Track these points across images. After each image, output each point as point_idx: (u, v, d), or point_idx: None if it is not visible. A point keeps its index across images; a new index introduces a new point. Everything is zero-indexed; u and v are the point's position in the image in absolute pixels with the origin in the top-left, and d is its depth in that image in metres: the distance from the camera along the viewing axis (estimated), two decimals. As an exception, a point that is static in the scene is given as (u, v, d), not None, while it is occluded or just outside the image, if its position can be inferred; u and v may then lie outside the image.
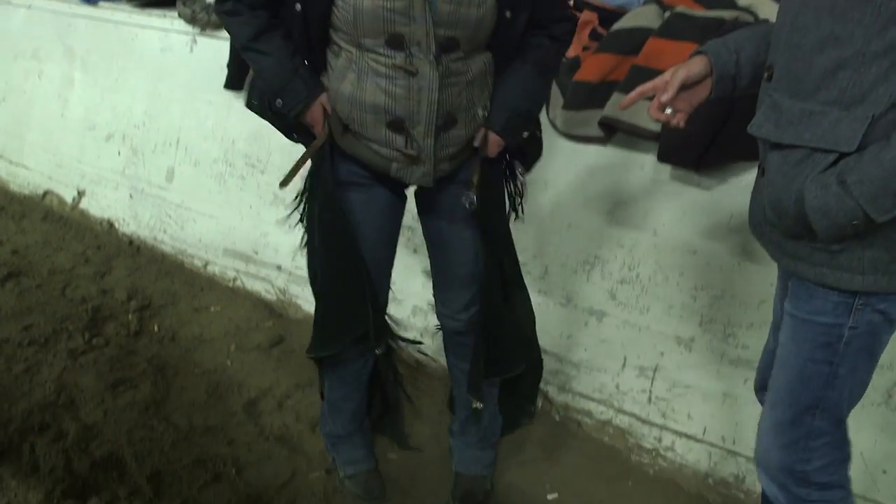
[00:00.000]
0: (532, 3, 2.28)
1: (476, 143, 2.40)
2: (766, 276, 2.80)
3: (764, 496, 2.17)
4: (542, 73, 2.44)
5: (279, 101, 2.32)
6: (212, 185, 4.44)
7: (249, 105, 2.52)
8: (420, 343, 3.02)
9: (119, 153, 4.91)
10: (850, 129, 1.68)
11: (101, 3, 4.98)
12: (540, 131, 2.62)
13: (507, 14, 2.24)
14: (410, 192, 2.60)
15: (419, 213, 2.63)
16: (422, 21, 2.14)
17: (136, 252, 4.80)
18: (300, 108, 2.33)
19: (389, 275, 2.67)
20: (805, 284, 1.86)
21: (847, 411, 1.94)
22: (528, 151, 2.61)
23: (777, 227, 1.88)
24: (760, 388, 2.34)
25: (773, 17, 2.98)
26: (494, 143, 2.40)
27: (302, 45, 2.29)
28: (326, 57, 2.32)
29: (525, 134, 2.46)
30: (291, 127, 2.46)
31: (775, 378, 1.99)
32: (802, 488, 1.97)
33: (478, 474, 2.97)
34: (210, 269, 4.49)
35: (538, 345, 2.86)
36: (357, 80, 2.24)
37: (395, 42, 2.17)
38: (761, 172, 1.93)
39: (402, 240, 2.72)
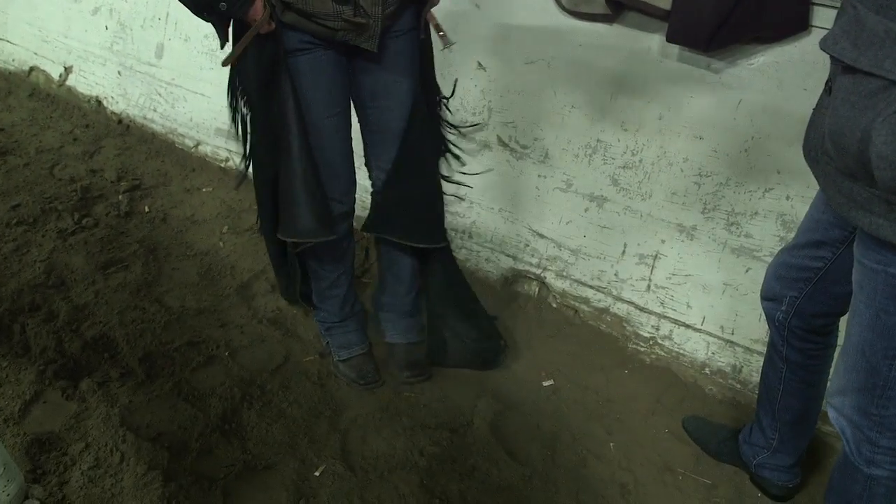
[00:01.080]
0: None
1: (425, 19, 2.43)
2: (772, 164, 2.72)
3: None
4: None
5: (222, 3, 2.23)
6: (203, 61, 4.30)
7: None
8: None
9: (106, 28, 4.74)
10: None
11: None
12: None
13: None
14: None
15: (355, 72, 2.57)
16: None
17: (126, 131, 4.68)
18: (245, 8, 2.26)
19: (349, 138, 2.64)
20: None
21: None
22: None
23: (833, 161, 1.68)
24: (768, 298, 2.27)
25: None
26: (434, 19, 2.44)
27: None
28: None
29: None
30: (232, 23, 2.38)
31: (850, 322, 1.86)
32: (874, 431, 1.87)
33: (413, 340, 3.01)
34: (202, 149, 4.39)
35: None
36: None
37: None
38: (827, 91, 1.71)
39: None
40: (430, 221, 2.79)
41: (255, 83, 2.42)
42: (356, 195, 2.73)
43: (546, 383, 3.00)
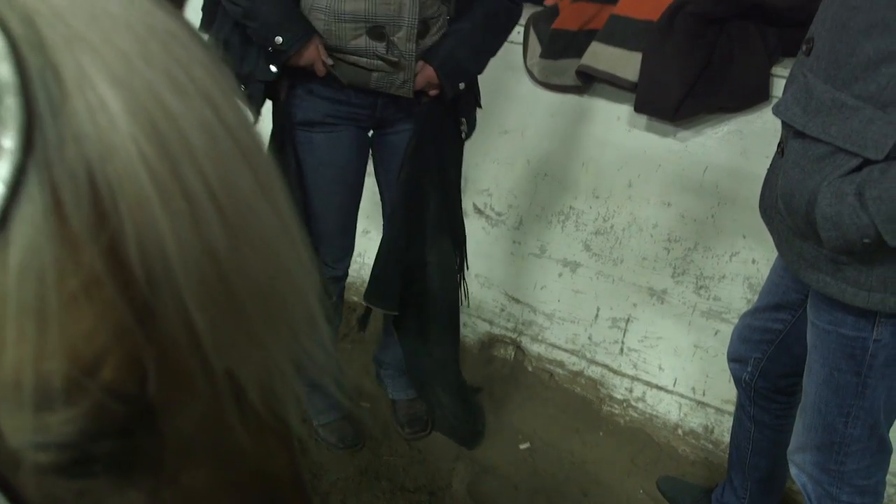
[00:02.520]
0: None
1: (417, 79, 2.39)
2: (737, 229, 2.82)
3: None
4: (488, 32, 2.46)
5: (279, 38, 2.24)
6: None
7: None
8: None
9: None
10: (881, 133, 1.53)
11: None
12: (479, 102, 2.66)
13: None
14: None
15: (376, 163, 2.65)
16: None
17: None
18: (299, 46, 2.26)
19: (354, 214, 2.67)
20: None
21: (886, 418, 1.84)
22: (469, 117, 2.64)
23: (785, 220, 1.76)
24: (734, 360, 2.34)
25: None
26: (427, 75, 2.38)
27: None
28: None
29: (461, 85, 2.45)
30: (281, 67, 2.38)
31: (806, 380, 1.91)
32: (835, 487, 1.91)
33: (413, 396, 3.07)
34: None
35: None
36: None
37: None
38: (780, 153, 1.79)
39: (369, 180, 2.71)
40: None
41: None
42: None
43: (523, 446, 3.04)
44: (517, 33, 3.16)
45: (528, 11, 3.20)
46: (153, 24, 0.55)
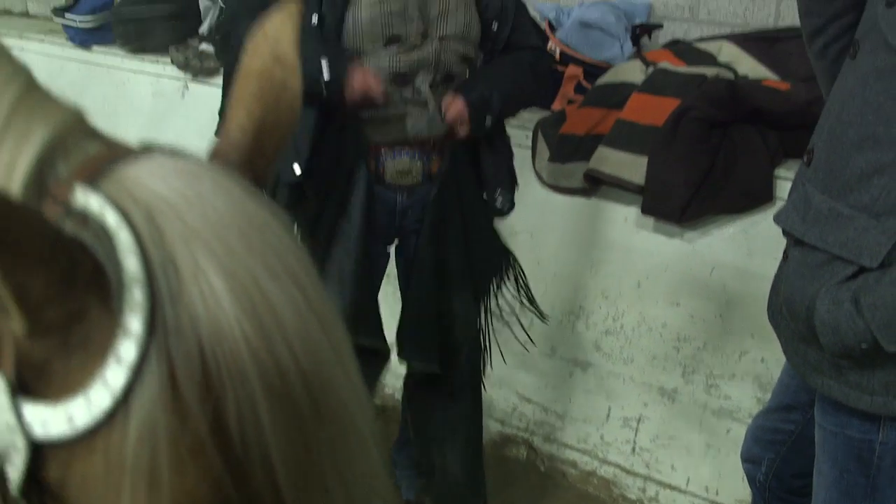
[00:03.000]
0: (513, 23, 2.43)
1: (444, 110, 2.39)
2: (746, 328, 2.84)
3: None
4: (517, 74, 2.49)
5: (324, 61, 2.21)
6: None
7: None
8: None
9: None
10: (875, 242, 1.58)
11: (93, 48, 5.03)
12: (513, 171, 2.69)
13: (494, 26, 2.40)
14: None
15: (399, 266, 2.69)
16: (417, 21, 2.29)
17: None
18: (346, 70, 2.25)
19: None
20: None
21: None
22: (504, 186, 2.64)
23: (790, 325, 1.80)
24: (747, 460, 2.33)
25: (752, 74, 3.08)
26: (457, 109, 2.36)
27: None
28: None
29: (489, 121, 2.44)
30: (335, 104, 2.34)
31: (816, 481, 1.91)
32: None
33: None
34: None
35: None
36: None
37: (392, 41, 2.31)
38: (785, 258, 1.84)
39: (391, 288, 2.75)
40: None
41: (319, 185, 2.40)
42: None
43: (535, 547, 3.02)
44: (525, 137, 3.25)
45: (536, 116, 3.30)
46: (251, 216, 0.64)
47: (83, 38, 5.01)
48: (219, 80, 3.90)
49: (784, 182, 2.80)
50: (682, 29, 3.61)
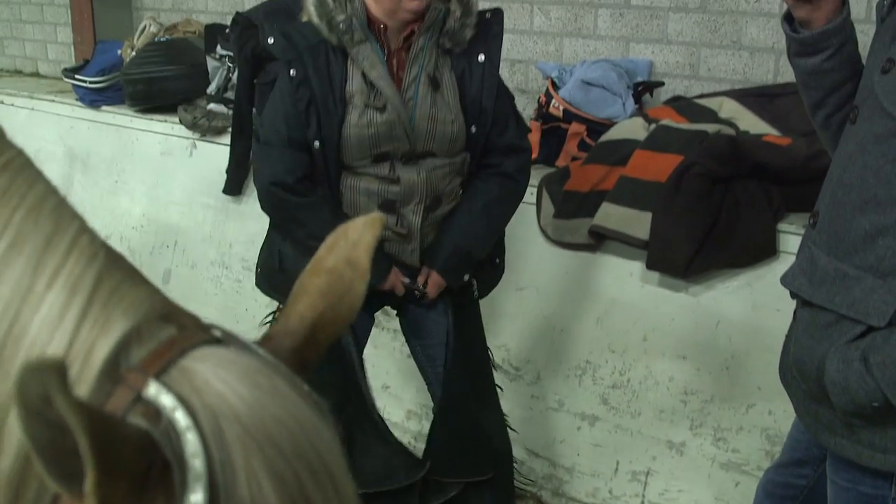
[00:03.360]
0: (491, 124, 2.46)
1: (420, 279, 2.51)
2: (752, 381, 2.86)
3: None
4: (491, 218, 2.55)
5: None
6: (208, 287, 4.50)
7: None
8: None
9: (117, 254, 4.97)
10: (882, 301, 1.61)
11: (103, 108, 5.10)
12: (502, 260, 2.74)
13: (473, 129, 2.44)
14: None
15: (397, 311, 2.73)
16: (404, 139, 2.36)
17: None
18: (386, 276, 2.45)
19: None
20: None
21: None
22: (486, 277, 2.71)
23: (801, 385, 1.82)
24: None
25: (753, 129, 3.14)
26: (435, 283, 2.51)
27: (325, 182, 2.42)
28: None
29: (466, 277, 2.56)
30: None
31: None
32: None
33: None
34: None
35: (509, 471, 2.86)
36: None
37: (381, 158, 2.39)
38: (795, 318, 1.87)
39: (398, 343, 2.77)
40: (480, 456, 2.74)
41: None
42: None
43: None
44: (530, 193, 3.29)
45: (540, 173, 3.35)
46: (301, 421, 0.73)
47: (93, 99, 5.09)
48: (226, 139, 3.97)
49: (787, 236, 2.85)
50: (682, 86, 3.68)
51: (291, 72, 2.33)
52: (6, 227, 0.76)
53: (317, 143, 2.35)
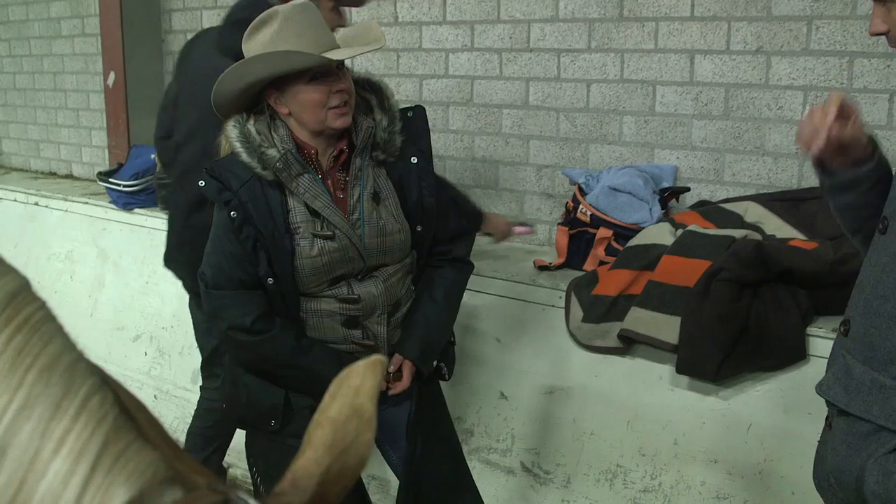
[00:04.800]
0: (435, 219, 2.50)
1: (391, 369, 2.49)
2: (786, 485, 2.84)
3: None
4: (451, 303, 2.59)
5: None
6: (237, 386, 4.52)
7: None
8: None
9: (146, 354, 5.02)
10: None
11: (135, 210, 5.22)
12: (454, 342, 2.75)
13: (419, 228, 2.47)
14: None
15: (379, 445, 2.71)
16: (357, 259, 2.37)
17: (159, 453, 4.82)
18: None
19: None
20: None
21: None
22: (449, 359, 2.71)
23: (838, 494, 1.82)
24: None
25: (779, 233, 3.18)
26: (409, 370, 2.49)
27: (284, 313, 2.40)
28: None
29: (435, 363, 2.56)
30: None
31: None
32: None
33: None
34: (232, 471, 4.51)
35: None
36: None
37: (336, 280, 2.39)
38: (828, 427, 1.87)
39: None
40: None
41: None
42: None
43: None
44: (559, 298, 3.34)
45: (568, 277, 3.40)
46: None
47: (126, 201, 5.22)
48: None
49: (816, 339, 2.86)
50: (708, 190, 3.74)
51: (232, 213, 2.28)
52: (18, 390, 0.75)
53: (270, 280, 2.32)
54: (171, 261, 3.50)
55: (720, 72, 3.66)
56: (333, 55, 2.24)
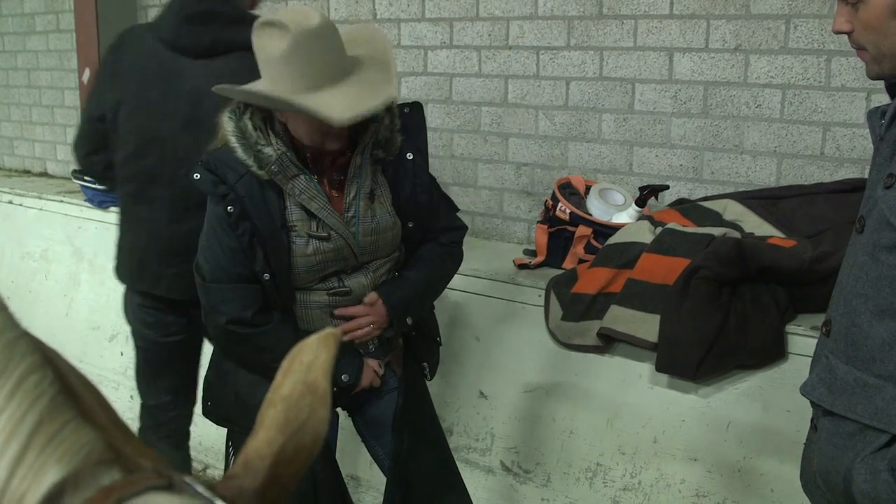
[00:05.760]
0: (426, 214, 2.49)
1: (367, 301, 2.43)
2: (765, 482, 2.85)
3: None
4: (430, 286, 2.58)
5: (345, 375, 2.39)
6: (214, 386, 4.49)
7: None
8: None
9: (122, 354, 4.97)
10: None
11: (111, 208, 5.16)
12: (439, 342, 2.75)
13: (410, 224, 2.46)
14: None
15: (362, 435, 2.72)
16: (351, 258, 2.37)
17: (135, 453, 4.78)
18: (359, 375, 2.44)
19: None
20: None
21: None
22: (434, 359, 2.73)
23: (825, 495, 1.81)
24: None
25: (757, 231, 3.18)
26: (380, 310, 2.43)
27: (280, 307, 2.40)
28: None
29: (409, 321, 2.50)
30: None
31: None
32: None
33: None
34: (210, 472, 4.47)
35: None
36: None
37: (329, 276, 2.39)
38: (814, 428, 1.86)
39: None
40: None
41: None
42: None
43: None
44: (538, 296, 3.33)
45: (548, 275, 3.39)
46: None
47: (101, 199, 5.17)
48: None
49: (795, 337, 2.87)
50: (686, 188, 3.75)
51: (229, 208, 2.25)
52: None
53: (266, 276, 2.30)
54: (146, 276, 3.17)
55: (699, 70, 3.66)
56: (341, 112, 2.11)
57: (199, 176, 2.27)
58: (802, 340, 2.83)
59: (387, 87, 2.22)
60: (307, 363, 0.84)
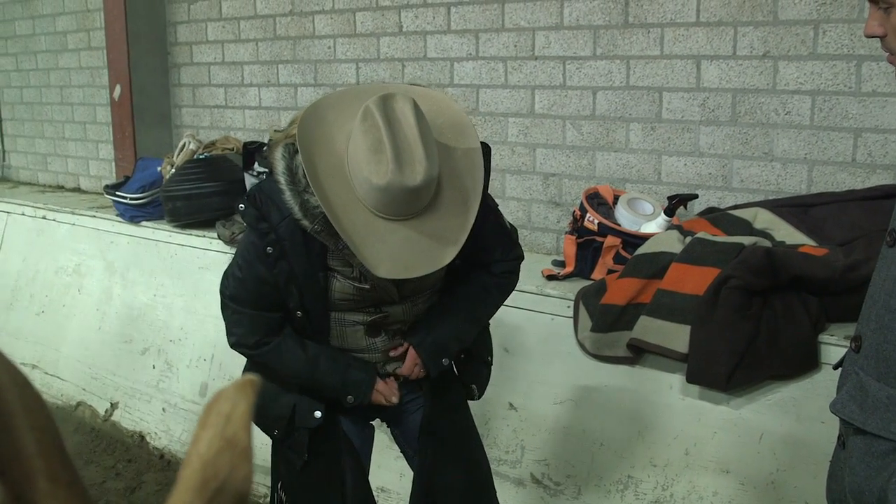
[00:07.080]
0: (474, 247, 2.28)
1: (393, 354, 2.44)
2: (798, 495, 2.81)
3: None
4: (473, 319, 2.49)
5: (350, 397, 2.37)
6: (245, 399, 4.50)
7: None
8: None
9: (154, 367, 5.01)
10: None
11: (142, 223, 5.22)
12: (492, 357, 2.70)
13: (457, 261, 2.21)
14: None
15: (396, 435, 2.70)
16: (394, 295, 2.33)
17: (167, 466, 4.81)
18: (369, 393, 2.40)
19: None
20: None
21: None
22: (483, 380, 2.68)
23: None
24: None
25: (788, 240, 3.15)
26: (412, 359, 2.42)
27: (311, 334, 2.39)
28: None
29: (445, 362, 2.46)
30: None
31: None
32: None
33: None
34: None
35: None
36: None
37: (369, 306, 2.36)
38: (841, 445, 1.82)
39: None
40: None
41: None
42: None
43: None
44: (567, 307, 3.32)
45: (576, 286, 3.37)
46: None
47: (133, 214, 5.22)
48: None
49: (827, 347, 2.83)
50: (716, 197, 3.72)
51: (268, 249, 2.20)
52: None
53: (299, 313, 2.29)
54: None
55: (727, 77, 3.63)
56: (386, 271, 2.07)
57: (243, 207, 2.23)
58: (835, 350, 2.79)
59: (451, 248, 2.14)
60: (225, 414, 0.75)
